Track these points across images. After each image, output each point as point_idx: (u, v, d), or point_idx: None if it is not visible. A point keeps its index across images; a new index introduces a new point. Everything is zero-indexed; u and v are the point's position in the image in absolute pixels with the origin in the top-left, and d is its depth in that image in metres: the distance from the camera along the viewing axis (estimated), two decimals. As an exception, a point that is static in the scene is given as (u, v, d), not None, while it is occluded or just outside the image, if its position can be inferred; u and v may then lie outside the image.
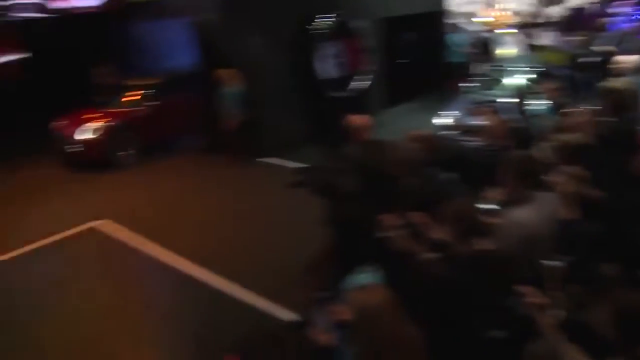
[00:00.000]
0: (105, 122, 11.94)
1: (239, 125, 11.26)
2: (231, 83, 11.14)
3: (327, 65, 12.34)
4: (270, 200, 9.16)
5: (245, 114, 11.23)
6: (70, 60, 14.19)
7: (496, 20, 21.13)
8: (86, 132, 11.76)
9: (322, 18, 12.28)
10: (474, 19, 19.84)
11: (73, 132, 11.86)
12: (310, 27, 12.20)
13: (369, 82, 13.35)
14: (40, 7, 14.02)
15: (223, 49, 11.46)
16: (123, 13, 14.11)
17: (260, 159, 11.51)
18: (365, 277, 3.25)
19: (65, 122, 12.28)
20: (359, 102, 12.29)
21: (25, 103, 13.73)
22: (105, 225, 9.04)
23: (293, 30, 12.03)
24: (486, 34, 16.90)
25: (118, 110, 12.42)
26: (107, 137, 11.81)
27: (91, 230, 8.96)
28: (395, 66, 14.57)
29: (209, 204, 9.69)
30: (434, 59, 15.63)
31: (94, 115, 12.21)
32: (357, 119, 5.71)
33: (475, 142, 6.77)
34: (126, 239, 8.46)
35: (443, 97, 12.67)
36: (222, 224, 8.80)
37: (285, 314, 5.72)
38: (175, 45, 13.32)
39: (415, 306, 2.85)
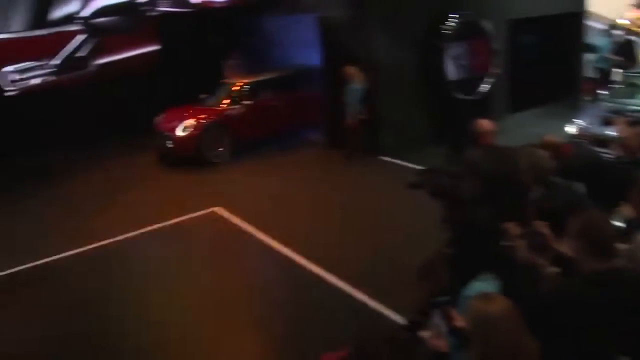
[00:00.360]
0: (197, 120, 12.03)
1: (361, 123, 11.31)
2: (356, 80, 11.21)
3: (453, 66, 12.10)
4: (388, 199, 9.10)
5: (367, 112, 11.27)
6: (199, 54, 14.70)
7: (638, 22, 19.66)
8: (179, 129, 11.91)
9: (451, 18, 12.05)
10: (616, 21, 18.59)
11: (172, 128, 12.01)
12: (439, 26, 12.02)
13: (493, 86, 12.94)
14: (181, 2, 14.75)
15: (349, 46, 11.53)
16: (254, 8, 14.53)
17: (379, 157, 11.48)
18: (484, 285, 3.17)
19: (166, 117, 12.49)
20: (483, 106, 11.95)
21: (151, 95, 14.14)
22: (222, 212, 9.40)
23: (422, 29, 11.90)
24: (630, 37, 15.78)
25: (215, 107, 12.55)
26: (198, 134, 11.88)
27: (212, 214, 9.37)
28: (522, 70, 14.00)
29: (325, 200, 9.77)
30: (566, 63, 14.88)
31: (191, 112, 12.33)
32: (485, 124, 5.59)
33: (607, 153, 6.43)
34: (244, 226, 8.79)
35: (574, 104, 12.06)
36: (336, 220, 8.87)
37: (395, 315, 5.73)
38: (302, 40, 13.57)
39: (534, 320, 2.74)
